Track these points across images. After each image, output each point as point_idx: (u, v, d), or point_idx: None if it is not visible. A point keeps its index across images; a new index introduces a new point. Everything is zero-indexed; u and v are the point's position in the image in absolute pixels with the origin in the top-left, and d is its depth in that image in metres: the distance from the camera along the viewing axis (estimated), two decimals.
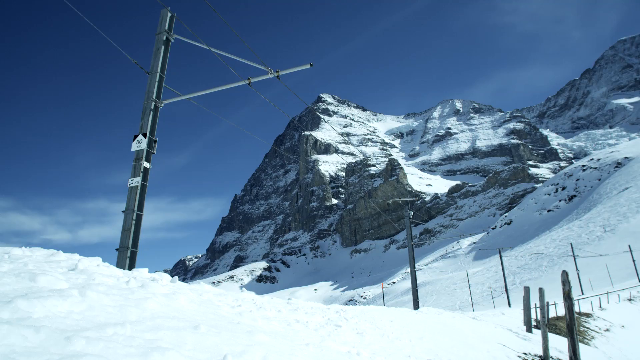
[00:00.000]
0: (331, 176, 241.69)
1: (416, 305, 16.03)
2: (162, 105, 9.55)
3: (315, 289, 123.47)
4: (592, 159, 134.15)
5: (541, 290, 9.26)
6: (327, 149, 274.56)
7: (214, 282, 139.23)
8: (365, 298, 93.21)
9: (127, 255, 8.19)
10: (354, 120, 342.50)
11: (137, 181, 8.67)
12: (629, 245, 60.86)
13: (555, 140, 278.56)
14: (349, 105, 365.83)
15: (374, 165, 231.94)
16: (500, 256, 38.84)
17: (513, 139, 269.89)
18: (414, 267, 19.75)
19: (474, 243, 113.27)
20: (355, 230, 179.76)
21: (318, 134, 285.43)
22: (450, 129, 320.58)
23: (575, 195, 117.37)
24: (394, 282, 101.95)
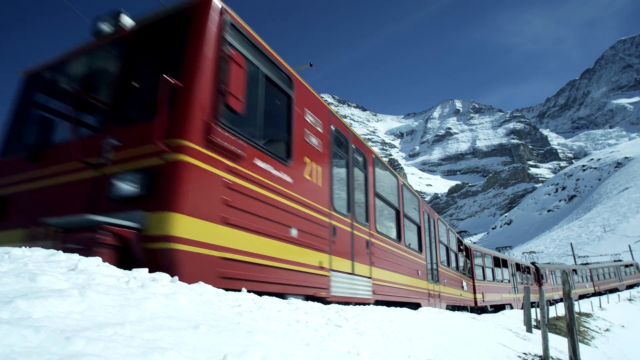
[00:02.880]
0: None
1: (416, 305, 16.03)
2: None
3: None
4: (592, 159, 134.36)
5: (541, 291, 9.28)
6: None
7: None
8: None
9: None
10: (354, 120, 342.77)
11: None
12: (629, 245, 60.96)
13: (555, 140, 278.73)
14: (349, 105, 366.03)
15: None
16: None
17: (513, 139, 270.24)
18: None
19: (474, 243, 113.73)
20: None
21: None
22: (450, 129, 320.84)
23: (575, 195, 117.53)
24: None
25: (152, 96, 3.79)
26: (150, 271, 3.56)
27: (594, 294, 37.89)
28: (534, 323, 14.20)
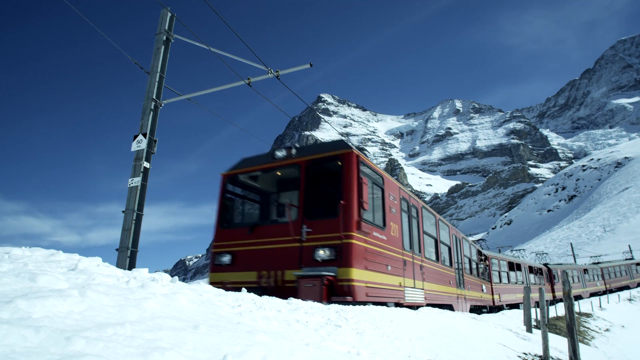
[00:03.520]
0: None
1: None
2: (162, 105, 9.54)
3: None
4: (592, 159, 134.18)
5: (541, 290, 9.27)
6: None
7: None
8: None
9: (127, 255, 8.19)
10: (354, 120, 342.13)
11: (137, 181, 8.67)
12: (629, 245, 60.95)
13: (555, 140, 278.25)
14: (349, 105, 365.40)
15: None
16: None
17: (513, 139, 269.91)
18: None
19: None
20: None
21: (318, 134, 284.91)
22: (450, 129, 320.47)
23: (575, 195, 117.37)
24: None
25: (324, 203, 7.75)
26: (339, 296, 6.59)
27: (605, 292, 39.75)
28: (534, 323, 14.19)
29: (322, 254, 6.87)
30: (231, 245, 8.04)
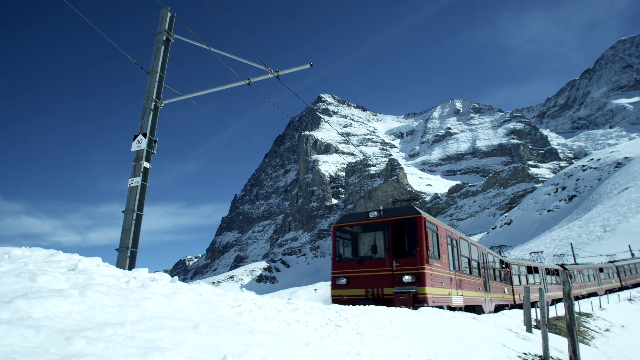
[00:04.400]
0: (331, 176, 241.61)
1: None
2: (162, 105, 9.53)
3: (315, 289, 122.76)
4: (592, 159, 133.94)
5: (541, 290, 9.26)
6: (327, 149, 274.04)
7: (214, 282, 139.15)
8: None
9: (127, 255, 8.18)
10: (354, 120, 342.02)
11: (137, 181, 8.66)
12: (629, 245, 60.94)
13: (555, 140, 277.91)
14: (349, 105, 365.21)
15: (374, 165, 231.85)
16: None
17: (513, 139, 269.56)
18: None
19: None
20: None
21: (318, 134, 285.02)
22: (450, 129, 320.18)
23: (575, 195, 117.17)
24: None
25: (405, 247, 11.77)
26: (419, 303, 10.76)
27: (621, 289, 42.18)
28: (533, 323, 14.18)
29: (408, 278, 10.90)
30: (345, 272, 12.08)
